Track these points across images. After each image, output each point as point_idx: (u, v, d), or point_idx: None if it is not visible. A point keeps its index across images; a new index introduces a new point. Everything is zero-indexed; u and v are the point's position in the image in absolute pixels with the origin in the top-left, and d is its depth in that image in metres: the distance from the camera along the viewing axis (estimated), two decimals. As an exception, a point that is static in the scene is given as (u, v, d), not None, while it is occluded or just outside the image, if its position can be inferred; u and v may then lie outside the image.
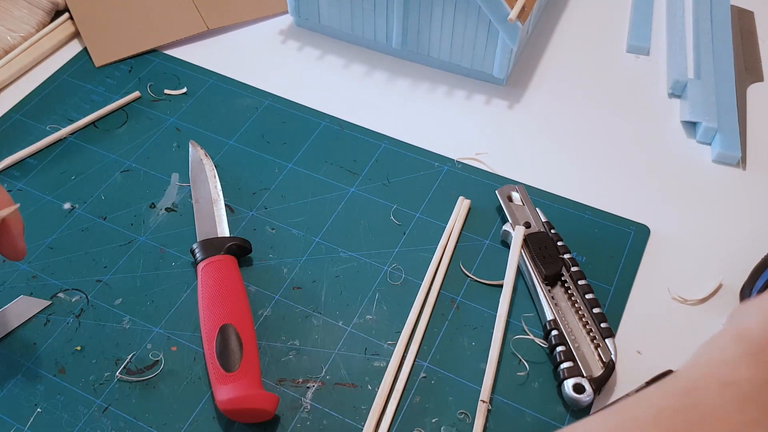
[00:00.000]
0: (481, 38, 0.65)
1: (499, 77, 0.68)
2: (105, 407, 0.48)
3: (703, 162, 0.63)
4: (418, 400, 0.49)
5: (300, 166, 0.62)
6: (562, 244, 0.55)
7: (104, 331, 0.52)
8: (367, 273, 0.55)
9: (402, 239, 0.57)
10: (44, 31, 0.72)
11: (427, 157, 0.63)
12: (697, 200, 0.60)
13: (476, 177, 0.61)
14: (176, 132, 0.65)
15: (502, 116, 0.67)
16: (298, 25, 0.75)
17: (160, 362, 0.50)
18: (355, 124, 0.65)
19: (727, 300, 0.54)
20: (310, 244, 0.57)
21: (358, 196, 0.60)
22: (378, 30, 0.70)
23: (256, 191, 0.60)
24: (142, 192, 0.60)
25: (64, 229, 0.58)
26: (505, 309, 0.52)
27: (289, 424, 0.47)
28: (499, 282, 0.53)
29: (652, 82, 0.70)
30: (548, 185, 0.61)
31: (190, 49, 0.72)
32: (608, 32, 0.75)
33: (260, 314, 0.53)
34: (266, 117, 0.66)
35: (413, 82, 0.70)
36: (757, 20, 0.76)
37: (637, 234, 0.57)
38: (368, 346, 0.51)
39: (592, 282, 0.54)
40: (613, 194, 0.60)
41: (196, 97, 0.68)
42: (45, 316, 0.53)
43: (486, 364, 0.49)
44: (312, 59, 0.72)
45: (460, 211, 0.58)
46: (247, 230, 0.58)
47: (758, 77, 0.71)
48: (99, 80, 0.69)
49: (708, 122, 0.64)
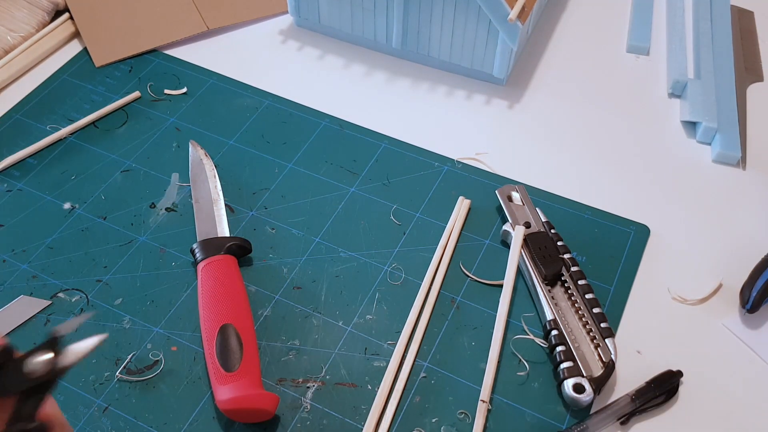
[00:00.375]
0: (481, 38, 0.65)
1: (499, 77, 0.68)
2: (105, 407, 0.48)
3: (703, 162, 0.63)
4: (418, 400, 0.48)
5: (300, 166, 0.62)
6: (562, 244, 0.55)
7: (104, 331, 0.52)
8: (367, 273, 0.55)
9: (402, 239, 0.57)
10: (44, 31, 0.72)
11: (427, 157, 0.63)
12: (697, 200, 0.60)
13: (476, 177, 0.61)
14: (176, 132, 0.65)
15: (502, 116, 0.67)
16: (298, 25, 0.75)
17: (160, 362, 0.50)
18: (355, 124, 0.65)
19: (727, 300, 0.54)
20: (310, 244, 0.57)
21: (358, 196, 0.60)
22: (378, 30, 0.70)
23: (256, 191, 0.60)
24: (142, 192, 0.60)
25: (64, 229, 0.58)
26: (506, 309, 0.52)
27: (289, 424, 0.47)
28: (499, 282, 0.53)
29: (652, 82, 0.70)
30: (548, 185, 0.61)
31: (190, 49, 0.72)
32: (608, 32, 0.75)
33: (260, 314, 0.53)
34: (266, 117, 0.66)
35: (413, 82, 0.70)
36: (757, 20, 0.76)
37: (637, 234, 0.57)
38: (368, 346, 0.51)
39: (592, 282, 0.54)
40: (613, 194, 0.60)
41: (196, 97, 0.68)
42: (45, 316, 0.53)
43: (486, 364, 0.49)
44: (312, 59, 0.72)
45: (460, 211, 0.58)
46: (247, 230, 0.58)
47: (758, 77, 0.71)
48: (99, 80, 0.69)
49: (708, 122, 0.64)
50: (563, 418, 0.48)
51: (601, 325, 0.50)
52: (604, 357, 0.49)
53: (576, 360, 0.48)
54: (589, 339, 0.50)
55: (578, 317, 0.51)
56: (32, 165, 0.62)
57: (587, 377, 0.48)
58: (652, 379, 0.48)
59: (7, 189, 0.60)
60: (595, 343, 0.49)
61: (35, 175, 0.61)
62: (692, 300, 0.54)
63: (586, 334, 0.50)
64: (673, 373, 0.49)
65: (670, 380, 0.48)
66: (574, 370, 0.48)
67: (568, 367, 0.48)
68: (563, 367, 0.48)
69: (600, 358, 0.49)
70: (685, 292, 0.54)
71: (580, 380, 0.47)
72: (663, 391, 0.48)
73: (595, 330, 0.50)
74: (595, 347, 0.49)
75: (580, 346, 0.49)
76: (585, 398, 0.47)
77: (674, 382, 0.48)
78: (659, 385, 0.48)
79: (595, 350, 0.49)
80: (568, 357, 0.48)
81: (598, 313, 0.51)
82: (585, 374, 0.48)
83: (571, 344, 0.49)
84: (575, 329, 0.50)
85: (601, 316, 0.50)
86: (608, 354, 0.49)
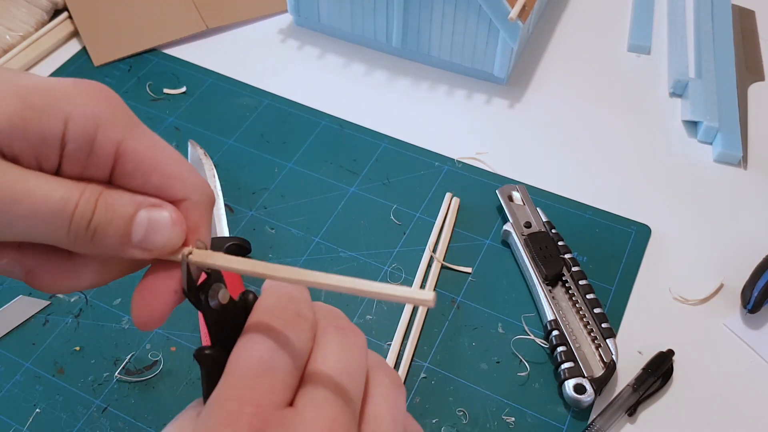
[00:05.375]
0: (481, 37, 0.65)
1: (499, 76, 0.68)
2: (104, 407, 0.48)
3: (704, 161, 0.63)
4: (418, 401, 0.48)
5: (299, 165, 0.62)
6: (562, 244, 0.54)
7: (103, 331, 0.51)
8: (367, 273, 0.55)
9: (402, 239, 0.57)
10: (43, 30, 0.72)
11: (427, 156, 0.63)
12: (698, 200, 0.60)
13: (477, 177, 0.61)
14: (175, 131, 0.65)
15: (502, 115, 0.67)
16: (298, 24, 0.75)
17: (159, 362, 0.50)
18: (355, 123, 0.65)
19: (728, 300, 0.54)
20: (310, 244, 0.56)
21: (358, 195, 0.60)
22: (378, 29, 0.69)
23: (256, 191, 0.60)
24: (141, 191, 0.60)
25: (63, 229, 0.57)
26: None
27: (289, 425, 0.47)
28: (467, 269, 0.55)
29: (653, 81, 0.70)
30: (549, 185, 0.61)
31: (189, 49, 0.72)
32: (609, 31, 0.75)
33: (260, 314, 0.52)
34: (266, 116, 0.66)
35: (413, 81, 0.70)
36: (758, 19, 0.76)
37: (638, 234, 0.57)
38: (368, 346, 0.51)
39: (593, 282, 0.53)
40: (614, 194, 0.60)
41: (195, 96, 0.68)
42: (44, 316, 0.52)
43: (486, 365, 0.49)
44: (312, 58, 0.72)
45: (450, 207, 0.58)
46: (246, 230, 0.57)
47: (759, 76, 0.71)
48: (98, 80, 0.69)
49: (709, 122, 0.64)
50: (564, 418, 0.47)
51: (602, 326, 0.50)
52: (605, 357, 0.48)
53: (577, 360, 0.48)
54: (590, 339, 0.50)
55: (579, 317, 0.51)
56: (31, 164, 0.62)
57: (588, 378, 0.47)
58: (647, 365, 0.49)
59: (6, 188, 0.60)
60: (596, 344, 0.49)
61: (34, 175, 0.61)
62: (693, 300, 0.54)
63: (587, 335, 0.50)
64: (665, 353, 0.50)
65: (665, 361, 0.49)
66: (575, 370, 0.48)
67: (569, 368, 0.48)
68: (564, 367, 0.48)
69: (601, 358, 0.49)
70: (686, 292, 0.54)
71: (581, 381, 0.47)
72: (660, 374, 0.49)
73: (596, 330, 0.50)
74: (596, 347, 0.49)
75: (581, 346, 0.49)
76: (586, 399, 0.47)
77: (668, 363, 0.49)
78: (656, 368, 0.49)
79: (596, 350, 0.49)
80: (569, 357, 0.48)
81: (599, 314, 0.50)
82: (586, 375, 0.48)
83: (572, 344, 0.49)
84: (576, 329, 0.50)
85: (602, 316, 0.50)
86: (609, 354, 0.48)
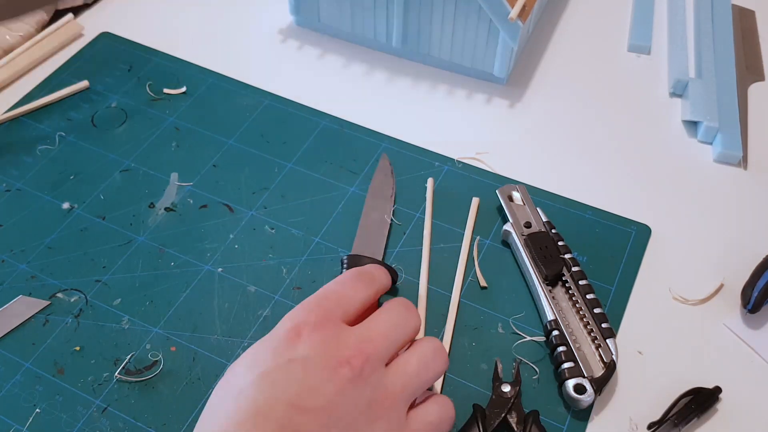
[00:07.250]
0: (481, 37, 0.65)
1: (499, 76, 0.68)
2: (104, 408, 0.48)
3: (704, 162, 0.63)
4: (418, 401, 0.48)
5: (299, 165, 0.62)
6: (563, 244, 0.54)
7: (103, 331, 0.51)
8: (367, 273, 0.55)
9: (402, 239, 0.57)
10: (45, 32, 0.72)
11: (427, 156, 0.63)
12: (698, 200, 0.60)
13: (477, 177, 0.61)
14: (175, 131, 0.65)
15: (502, 116, 0.67)
16: (298, 24, 0.75)
17: (159, 362, 0.50)
18: (355, 123, 0.65)
19: (728, 300, 0.54)
20: (310, 244, 0.56)
21: (358, 195, 0.60)
22: (378, 29, 0.69)
23: (256, 191, 0.60)
24: (141, 192, 0.60)
25: (63, 229, 0.57)
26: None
27: (289, 425, 0.47)
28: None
29: (653, 81, 0.70)
30: (549, 185, 0.61)
31: (189, 49, 0.72)
32: (609, 31, 0.75)
33: (260, 315, 0.52)
34: (266, 116, 0.66)
35: (413, 81, 0.70)
36: (759, 19, 0.76)
37: (638, 234, 0.57)
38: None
39: (593, 282, 0.53)
40: (614, 194, 0.60)
41: (195, 96, 0.68)
42: (44, 316, 0.52)
43: (486, 365, 0.49)
44: (312, 58, 0.72)
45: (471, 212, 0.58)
46: (246, 230, 0.57)
47: (759, 76, 0.71)
48: (98, 79, 0.69)
49: (709, 122, 0.64)
50: (564, 418, 0.47)
51: (602, 326, 0.50)
52: (605, 357, 0.48)
53: (577, 360, 0.48)
54: (590, 339, 0.50)
55: (579, 317, 0.51)
56: (30, 164, 0.62)
57: (588, 378, 0.47)
58: (690, 401, 0.47)
59: (6, 189, 0.60)
60: (596, 344, 0.49)
61: (34, 175, 0.61)
62: (693, 300, 0.54)
63: (587, 335, 0.50)
64: (711, 391, 0.48)
65: (710, 398, 0.47)
66: (575, 370, 0.48)
67: (569, 368, 0.48)
68: (564, 367, 0.48)
69: (601, 358, 0.49)
70: (686, 292, 0.54)
71: (581, 381, 0.47)
72: (703, 411, 0.47)
73: (596, 330, 0.50)
74: (596, 348, 0.49)
75: (581, 346, 0.49)
76: (586, 399, 0.47)
77: (714, 401, 0.47)
78: (699, 405, 0.47)
79: (596, 351, 0.49)
80: (569, 357, 0.48)
81: (599, 314, 0.50)
82: (586, 375, 0.48)
83: (572, 344, 0.49)
84: (576, 330, 0.50)
85: (602, 316, 0.50)
86: (609, 354, 0.48)
